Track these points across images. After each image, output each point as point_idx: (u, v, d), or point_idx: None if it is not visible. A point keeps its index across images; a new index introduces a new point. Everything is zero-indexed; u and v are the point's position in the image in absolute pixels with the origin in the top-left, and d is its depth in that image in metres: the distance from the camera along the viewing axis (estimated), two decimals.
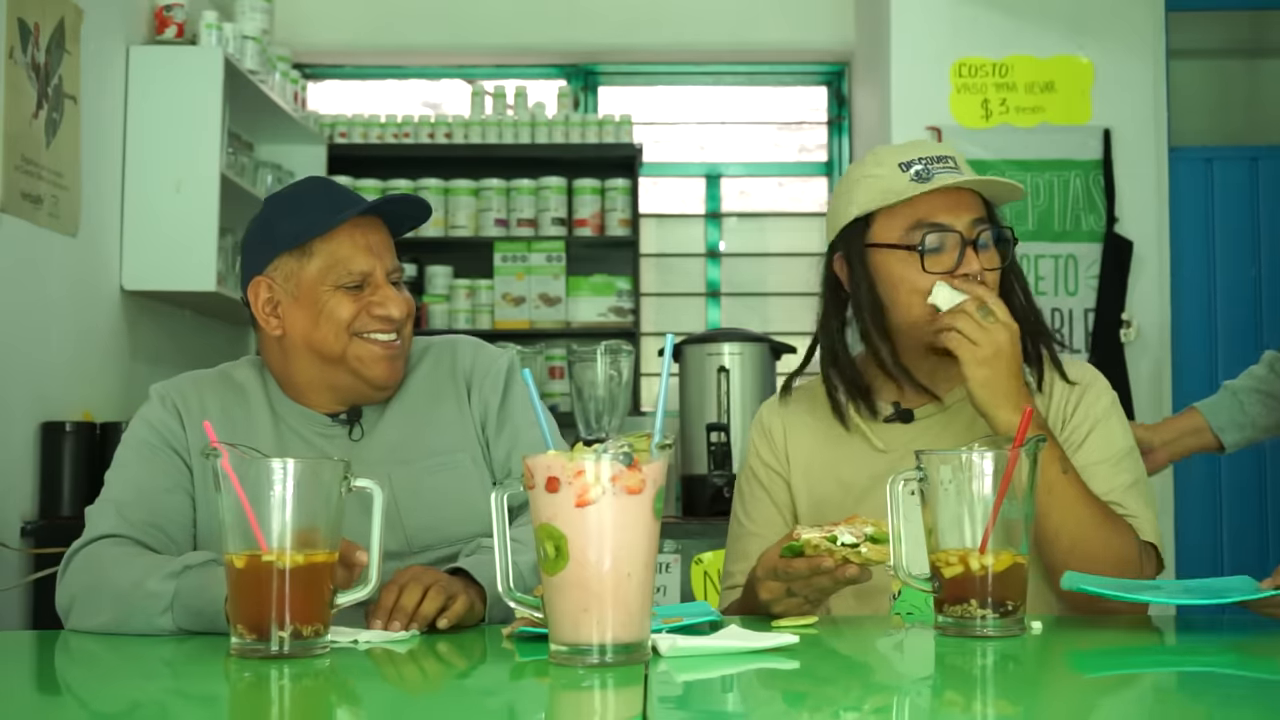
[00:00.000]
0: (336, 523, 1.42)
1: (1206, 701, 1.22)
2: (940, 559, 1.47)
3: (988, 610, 1.45)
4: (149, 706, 1.25)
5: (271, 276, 1.84)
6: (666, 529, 2.21)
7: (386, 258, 1.85)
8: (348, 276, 1.82)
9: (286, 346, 1.86)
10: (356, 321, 1.82)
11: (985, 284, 1.83)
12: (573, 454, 1.28)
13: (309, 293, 1.82)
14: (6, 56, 3.26)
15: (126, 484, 1.81)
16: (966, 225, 1.83)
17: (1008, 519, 1.45)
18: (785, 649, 1.40)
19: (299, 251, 1.82)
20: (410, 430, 1.90)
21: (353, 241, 1.82)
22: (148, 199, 3.96)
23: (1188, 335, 4.55)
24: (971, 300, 1.78)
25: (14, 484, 3.37)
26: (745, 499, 1.99)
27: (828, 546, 1.51)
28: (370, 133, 5.28)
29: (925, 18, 4.54)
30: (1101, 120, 4.52)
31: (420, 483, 1.86)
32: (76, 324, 3.69)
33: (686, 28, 5.44)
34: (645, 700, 1.15)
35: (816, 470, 1.93)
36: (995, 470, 1.45)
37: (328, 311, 1.82)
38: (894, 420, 1.91)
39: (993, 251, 1.87)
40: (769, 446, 1.98)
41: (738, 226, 5.80)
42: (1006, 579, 1.45)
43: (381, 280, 1.84)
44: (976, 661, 1.36)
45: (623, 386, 3.76)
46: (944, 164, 1.85)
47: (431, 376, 1.94)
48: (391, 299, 1.83)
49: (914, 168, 1.84)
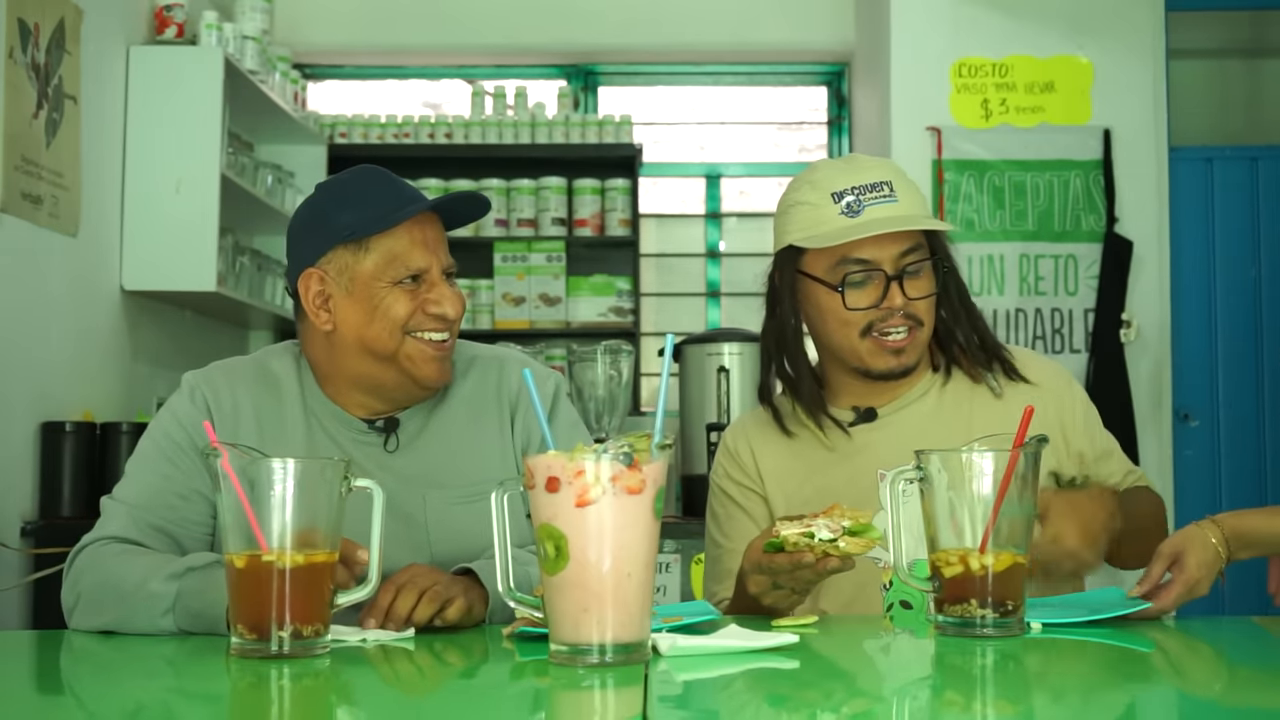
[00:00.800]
0: (336, 523, 1.42)
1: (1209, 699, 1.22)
2: (940, 559, 1.47)
3: (988, 610, 1.45)
4: (149, 706, 1.25)
5: (324, 269, 1.78)
6: (666, 529, 2.21)
7: (442, 254, 1.81)
8: (405, 272, 1.76)
9: (335, 341, 1.79)
10: (412, 320, 1.77)
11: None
12: (573, 454, 1.28)
13: (364, 288, 1.76)
14: (6, 56, 3.26)
15: (144, 485, 1.77)
16: (891, 259, 1.86)
17: (1008, 518, 1.44)
18: (785, 649, 1.40)
19: (355, 245, 1.76)
20: (449, 451, 1.85)
21: (411, 237, 1.77)
22: (148, 199, 3.96)
23: (1188, 335, 4.55)
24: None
25: (14, 484, 3.37)
26: (720, 520, 2.00)
27: (806, 543, 1.52)
28: (370, 133, 5.28)
29: (925, 18, 4.54)
30: (1101, 120, 4.52)
31: (454, 511, 1.81)
32: (76, 324, 3.69)
33: (686, 28, 5.44)
34: (645, 700, 1.15)
35: (791, 483, 1.94)
36: (996, 470, 1.45)
37: (383, 308, 1.76)
38: (859, 423, 1.93)
39: (925, 277, 1.88)
40: (738, 468, 2.00)
41: (738, 226, 5.80)
42: (1007, 579, 1.45)
43: (438, 277, 1.79)
44: (976, 661, 1.36)
45: (623, 386, 3.76)
46: (877, 193, 1.86)
47: (476, 394, 1.88)
48: (447, 297, 1.78)
49: (845, 199, 1.86)
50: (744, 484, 1.98)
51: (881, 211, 1.84)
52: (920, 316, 1.88)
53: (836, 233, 1.85)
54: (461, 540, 1.79)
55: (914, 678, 1.39)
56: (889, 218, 1.84)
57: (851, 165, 1.90)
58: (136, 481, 1.78)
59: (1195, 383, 4.52)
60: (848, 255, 1.85)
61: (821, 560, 1.52)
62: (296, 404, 1.83)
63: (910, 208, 1.87)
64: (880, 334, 1.87)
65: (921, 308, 1.87)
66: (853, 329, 1.88)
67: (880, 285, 1.85)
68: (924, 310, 1.88)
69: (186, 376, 1.85)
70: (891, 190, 1.86)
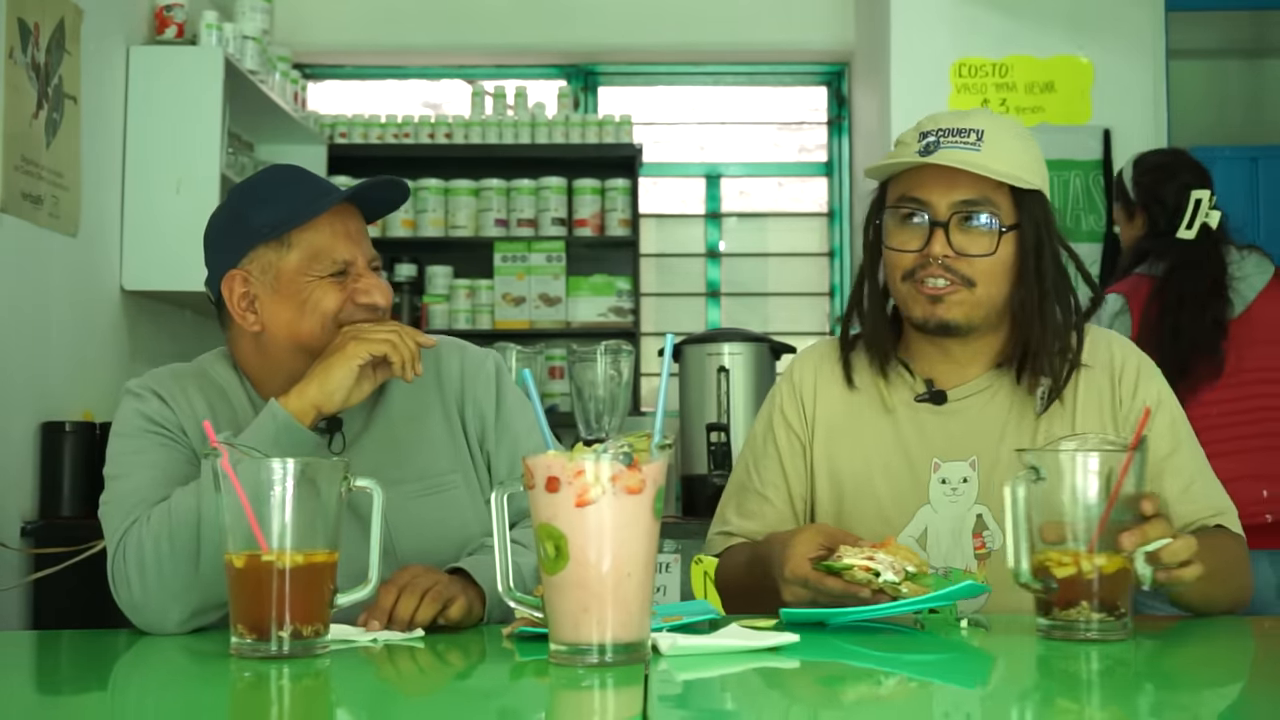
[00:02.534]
0: (336, 523, 1.42)
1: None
2: (1052, 560, 1.42)
3: (1102, 613, 1.41)
4: (150, 706, 1.25)
5: (247, 270, 1.76)
6: (666, 529, 2.21)
7: (366, 245, 1.80)
8: (331, 265, 1.75)
9: (265, 343, 1.78)
10: (343, 312, 1.75)
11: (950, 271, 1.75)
12: (573, 454, 1.28)
13: (290, 284, 1.75)
14: (6, 56, 3.26)
15: (136, 481, 1.72)
16: (945, 205, 1.75)
17: (1118, 520, 1.42)
18: (785, 649, 1.39)
19: (277, 243, 1.75)
20: (396, 447, 1.83)
21: (333, 230, 1.77)
22: (148, 199, 3.96)
23: None
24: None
25: (14, 484, 3.36)
26: (757, 453, 1.93)
27: (867, 579, 1.50)
28: (370, 133, 5.28)
29: (925, 18, 4.54)
30: (1101, 120, 4.51)
31: (411, 506, 1.79)
32: (76, 324, 3.69)
33: (686, 28, 5.44)
34: (645, 700, 1.15)
35: (838, 437, 1.87)
36: (1111, 471, 1.41)
37: (312, 303, 1.75)
38: (925, 400, 1.84)
39: (982, 235, 1.76)
40: (795, 404, 1.91)
41: (738, 226, 5.79)
42: (1120, 581, 1.42)
43: (364, 268, 1.78)
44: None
45: (623, 386, 3.76)
46: (960, 138, 1.75)
47: (415, 384, 1.82)
48: (376, 286, 1.78)
49: (928, 138, 1.77)
50: (793, 426, 1.90)
51: (953, 155, 1.74)
52: (969, 276, 1.76)
53: (893, 164, 1.78)
54: (423, 533, 1.78)
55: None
56: (955, 159, 1.74)
57: (958, 113, 1.81)
58: (126, 481, 1.73)
59: None
60: (907, 193, 1.77)
61: (876, 595, 1.50)
62: (246, 409, 1.81)
63: (989, 159, 1.74)
64: (919, 280, 1.77)
65: (970, 266, 1.75)
66: (897, 271, 1.79)
67: (926, 230, 1.76)
68: (975, 270, 1.75)
69: (132, 383, 1.81)
70: (979, 139, 1.75)
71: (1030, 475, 1.43)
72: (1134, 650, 1.41)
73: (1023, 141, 1.79)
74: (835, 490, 1.86)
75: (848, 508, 1.85)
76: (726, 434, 3.80)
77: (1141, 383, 1.82)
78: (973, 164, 1.73)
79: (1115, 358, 1.84)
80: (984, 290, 1.77)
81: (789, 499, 1.89)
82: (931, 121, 1.79)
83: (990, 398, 1.83)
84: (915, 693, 1.29)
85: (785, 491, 1.89)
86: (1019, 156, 1.77)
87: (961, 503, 1.80)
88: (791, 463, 1.89)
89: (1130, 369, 1.83)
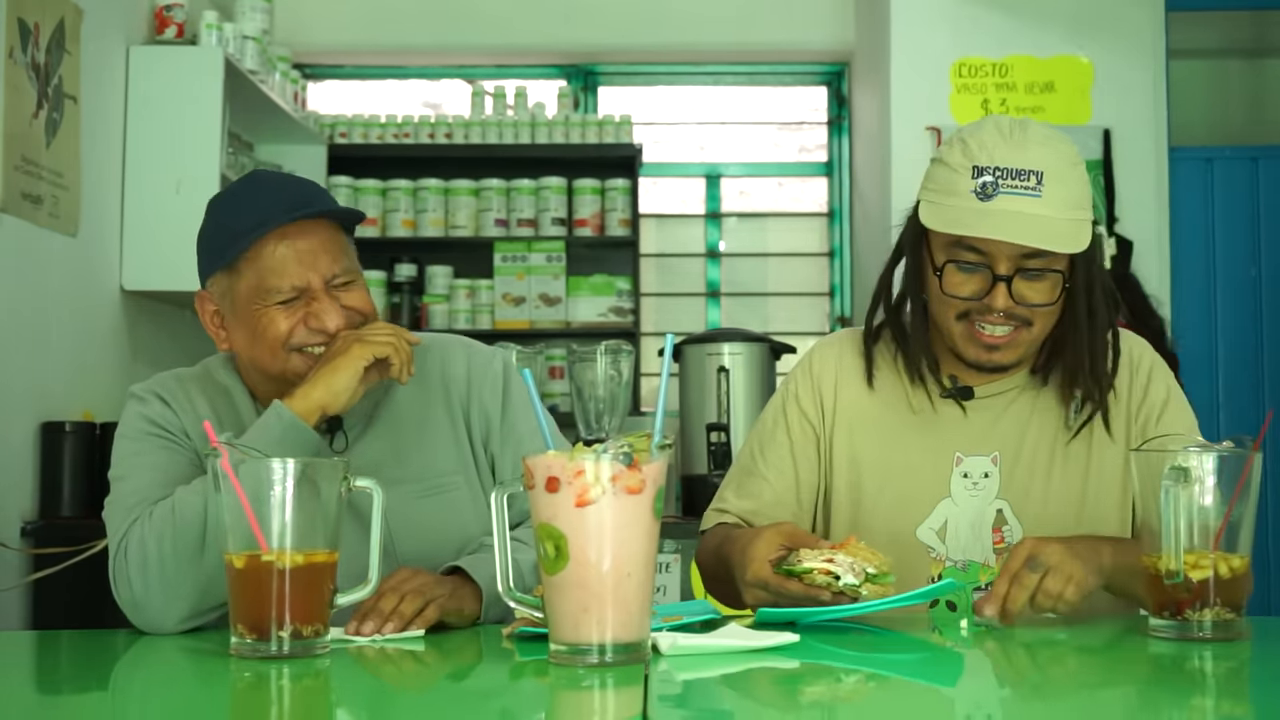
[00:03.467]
0: (336, 523, 1.42)
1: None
2: (1189, 560, 1.42)
3: (1234, 614, 1.43)
4: (150, 706, 1.25)
5: (210, 291, 1.77)
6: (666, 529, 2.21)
7: (324, 263, 1.72)
8: (278, 294, 1.70)
9: (238, 359, 1.81)
10: (293, 336, 1.72)
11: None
12: (573, 454, 1.28)
13: (244, 310, 1.73)
14: (6, 56, 3.26)
15: (139, 481, 1.71)
16: (1009, 259, 1.70)
17: (1237, 520, 1.43)
18: (785, 648, 1.39)
19: (228, 269, 1.73)
20: (399, 446, 1.81)
21: (280, 254, 1.70)
22: (148, 199, 3.96)
23: (1188, 335, 4.54)
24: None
25: (14, 484, 3.36)
26: (765, 439, 1.91)
27: (827, 582, 1.50)
28: (370, 133, 5.28)
29: (925, 18, 4.54)
30: (1101, 120, 4.51)
31: (412, 508, 1.78)
32: (76, 324, 3.69)
33: (686, 28, 5.44)
34: (645, 700, 1.15)
35: (860, 429, 1.86)
36: (1235, 471, 1.42)
37: (261, 329, 1.72)
38: (950, 396, 1.83)
39: (1047, 283, 1.71)
40: (813, 395, 1.89)
41: (738, 226, 5.79)
42: (1243, 582, 1.44)
43: (319, 290, 1.72)
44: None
45: (623, 386, 3.76)
46: (1020, 182, 1.67)
47: (420, 383, 1.82)
48: (327, 310, 1.71)
49: (984, 178, 1.68)
50: (808, 415, 1.88)
51: (1015, 204, 1.67)
52: (1028, 318, 1.73)
53: (952, 218, 1.70)
54: (424, 535, 1.77)
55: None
56: (1017, 213, 1.67)
57: (1013, 141, 1.70)
58: (129, 478, 1.73)
59: (1195, 382, 4.51)
60: (964, 239, 1.70)
61: (835, 597, 1.51)
62: (249, 411, 1.80)
63: (1051, 208, 1.67)
64: (978, 325, 1.74)
65: (1030, 310, 1.72)
66: (950, 309, 1.75)
67: (988, 278, 1.71)
68: (1034, 312, 1.73)
69: (136, 388, 1.80)
70: (1039, 183, 1.67)
71: (1178, 475, 1.42)
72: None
73: (1077, 170, 1.73)
74: (854, 482, 1.85)
75: (867, 500, 1.84)
76: (726, 434, 3.80)
77: (1152, 383, 1.83)
78: (1037, 219, 1.67)
79: (1133, 357, 1.85)
80: (1040, 328, 1.76)
81: (794, 485, 1.87)
82: (985, 154, 1.70)
83: (1016, 395, 1.84)
84: (915, 693, 1.29)
85: (791, 478, 1.87)
86: (1076, 191, 1.72)
87: (982, 497, 1.80)
88: (802, 450, 1.88)
89: (1144, 369, 1.84)
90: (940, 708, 1.21)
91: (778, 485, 1.87)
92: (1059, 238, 1.69)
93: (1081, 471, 1.81)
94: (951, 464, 1.81)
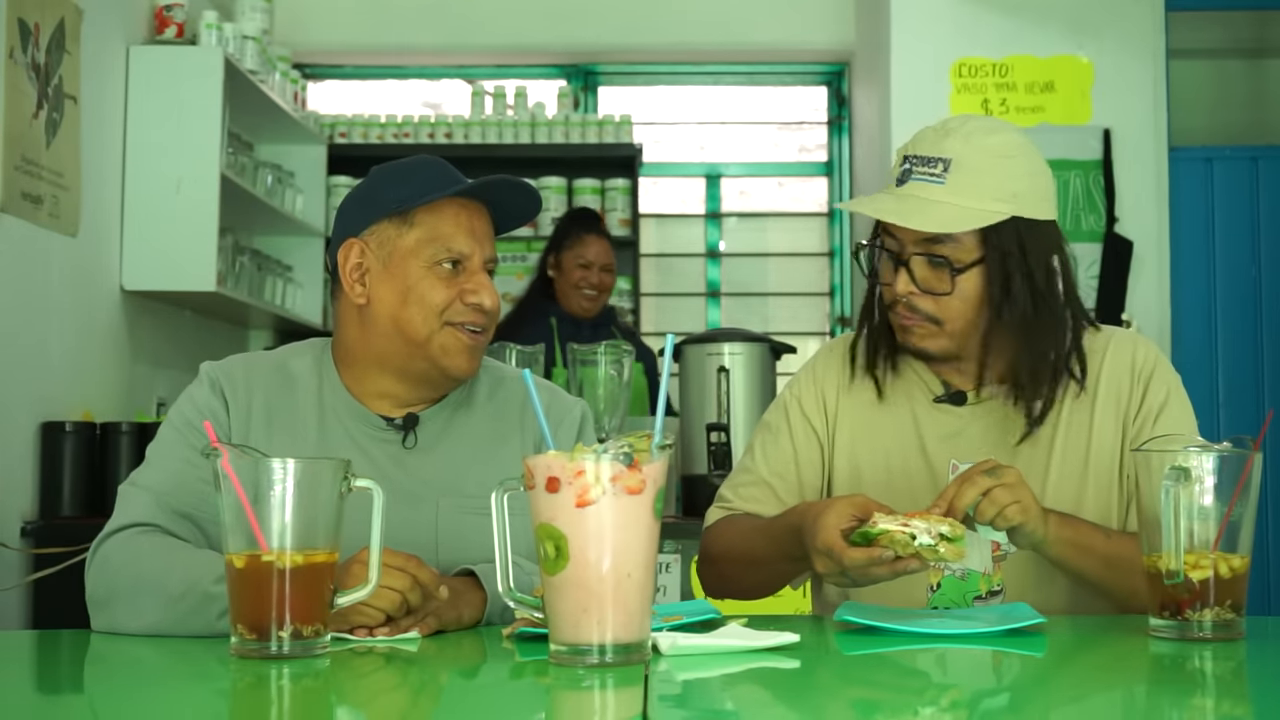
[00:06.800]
0: (337, 523, 1.42)
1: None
2: (1189, 560, 1.43)
3: (1234, 614, 1.43)
4: (150, 706, 1.25)
5: (366, 240, 1.76)
6: (666, 529, 2.21)
7: (487, 245, 1.78)
8: (445, 253, 1.74)
9: (368, 318, 1.76)
10: (450, 309, 1.74)
11: None
12: (573, 454, 1.28)
13: (401, 264, 1.74)
14: (6, 56, 3.26)
15: (167, 471, 1.72)
16: (910, 244, 1.73)
17: (1238, 520, 1.43)
18: (785, 648, 1.39)
19: (400, 219, 1.75)
20: (467, 458, 1.81)
21: (457, 220, 1.75)
22: (148, 199, 3.96)
23: (1188, 335, 4.55)
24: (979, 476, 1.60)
25: (14, 484, 3.36)
26: (767, 441, 1.92)
27: (904, 541, 1.50)
28: (370, 133, 5.28)
29: (925, 18, 4.53)
30: (1101, 120, 4.51)
31: (460, 521, 1.77)
32: (76, 324, 3.69)
33: (686, 28, 5.44)
34: (645, 700, 1.15)
35: (860, 435, 1.87)
36: (1235, 471, 1.43)
37: (419, 292, 1.73)
38: (944, 401, 1.83)
39: (941, 273, 1.72)
40: (816, 398, 1.90)
41: (738, 226, 5.80)
42: (1243, 581, 1.45)
43: (478, 266, 1.76)
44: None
45: (623, 386, 3.76)
46: (929, 169, 1.71)
47: (503, 409, 1.84)
48: (486, 288, 1.75)
49: (905, 164, 1.75)
50: (811, 420, 1.89)
51: (916, 189, 1.71)
52: (932, 313, 1.74)
53: (857, 200, 1.79)
54: (469, 550, 1.74)
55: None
56: (911, 197, 1.71)
57: (942, 132, 1.75)
58: (159, 468, 1.73)
59: (1195, 382, 4.50)
60: (882, 225, 1.75)
61: (900, 560, 1.51)
62: (312, 400, 1.79)
63: (952, 195, 1.70)
64: (895, 310, 1.78)
65: (935, 303, 1.73)
66: (885, 296, 1.80)
67: (893, 265, 1.75)
68: (939, 307, 1.73)
69: (204, 366, 1.81)
70: (945, 170, 1.70)
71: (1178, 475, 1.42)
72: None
73: (1002, 162, 1.73)
74: (855, 487, 1.85)
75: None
76: (726, 434, 3.79)
77: (1152, 386, 1.82)
78: (928, 203, 1.70)
79: (1137, 360, 1.84)
80: (952, 325, 1.75)
81: (796, 486, 1.87)
82: (914, 143, 1.76)
83: (1009, 400, 1.83)
84: (915, 692, 1.29)
85: (793, 480, 1.88)
86: (988, 182, 1.71)
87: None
88: (806, 454, 1.88)
89: (1145, 372, 1.83)
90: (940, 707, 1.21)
91: (779, 487, 1.87)
92: (939, 220, 1.70)
93: (1079, 473, 1.80)
94: (948, 471, 1.81)
